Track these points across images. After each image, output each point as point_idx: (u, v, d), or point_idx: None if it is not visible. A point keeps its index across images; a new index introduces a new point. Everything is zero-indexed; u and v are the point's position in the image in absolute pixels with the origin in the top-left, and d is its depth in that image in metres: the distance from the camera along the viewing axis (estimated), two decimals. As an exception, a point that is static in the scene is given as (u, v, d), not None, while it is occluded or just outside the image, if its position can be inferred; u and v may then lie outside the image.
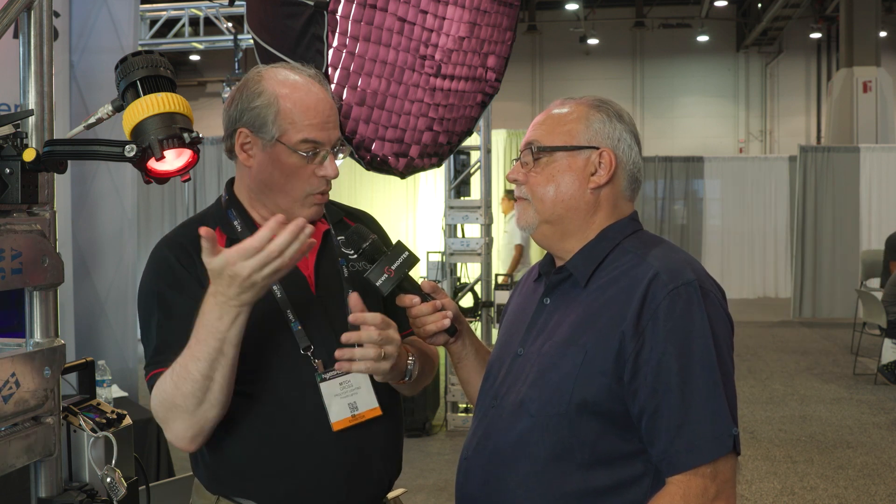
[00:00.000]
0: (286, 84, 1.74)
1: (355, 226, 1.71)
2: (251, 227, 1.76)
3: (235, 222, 1.78)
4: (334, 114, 1.74)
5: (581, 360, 1.47)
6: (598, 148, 1.56)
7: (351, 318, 1.62)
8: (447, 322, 1.67)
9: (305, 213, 1.74)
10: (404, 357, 1.71)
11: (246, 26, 6.36)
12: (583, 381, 1.46)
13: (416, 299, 1.66)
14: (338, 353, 1.62)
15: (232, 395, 1.60)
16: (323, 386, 1.69)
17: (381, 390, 1.75)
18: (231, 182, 1.84)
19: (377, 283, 1.64)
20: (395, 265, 1.64)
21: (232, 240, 1.75)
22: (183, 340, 1.58)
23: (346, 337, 1.61)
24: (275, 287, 1.72)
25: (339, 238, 1.81)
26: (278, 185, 1.73)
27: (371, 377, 1.71)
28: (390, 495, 1.85)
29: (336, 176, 1.72)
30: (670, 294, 1.44)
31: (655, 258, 1.50)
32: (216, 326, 1.52)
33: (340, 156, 1.79)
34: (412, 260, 1.66)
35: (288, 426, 1.69)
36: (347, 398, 1.70)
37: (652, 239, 1.59)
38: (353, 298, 1.63)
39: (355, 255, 1.71)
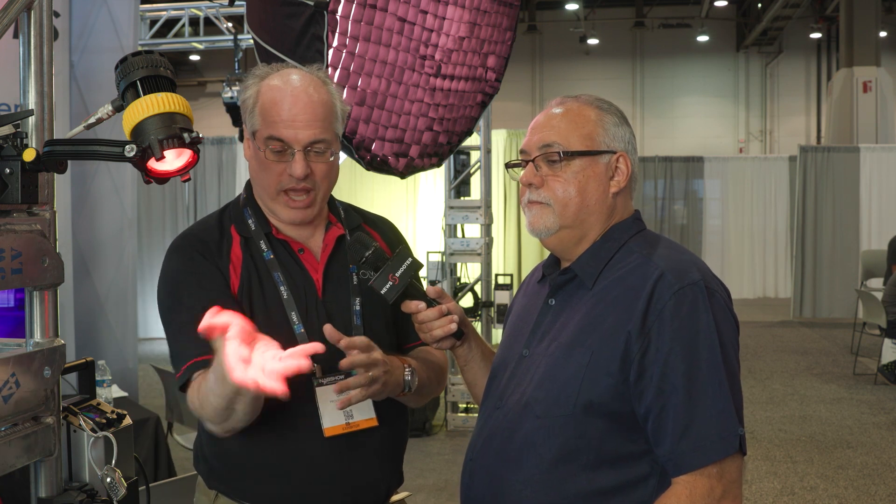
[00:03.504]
0: (273, 79, 1.74)
1: (356, 235, 1.69)
2: (265, 225, 1.77)
3: (250, 220, 1.78)
4: (309, 112, 1.70)
5: (587, 361, 1.47)
6: (615, 152, 1.56)
7: (342, 343, 1.58)
8: (454, 326, 1.66)
9: (284, 213, 1.75)
10: (400, 370, 1.69)
11: (246, 26, 6.36)
12: (589, 383, 1.46)
13: (422, 305, 1.64)
14: (339, 404, 1.61)
15: (260, 408, 1.60)
16: (319, 391, 1.68)
17: (382, 402, 1.73)
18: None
19: (382, 292, 1.62)
20: (399, 272, 1.63)
21: (245, 238, 1.76)
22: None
23: (343, 363, 1.59)
24: (281, 288, 1.72)
25: None
26: (257, 178, 1.76)
27: None
28: (394, 498, 1.84)
29: (301, 175, 1.69)
30: (676, 294, 1.44)
31: (661, 258, 1.50)
32: (227, 378, 1.43)
33: (332, 157, 1.76)
34: (416, 266, 1.64)
35: (281, 428, 1.69)
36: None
37: (657, 239, 1.58)
38: (328, 329, 1.59)
39: (359, 264, 1.70)
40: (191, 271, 1.71)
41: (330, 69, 3.20)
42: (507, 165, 1.66)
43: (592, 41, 19.58)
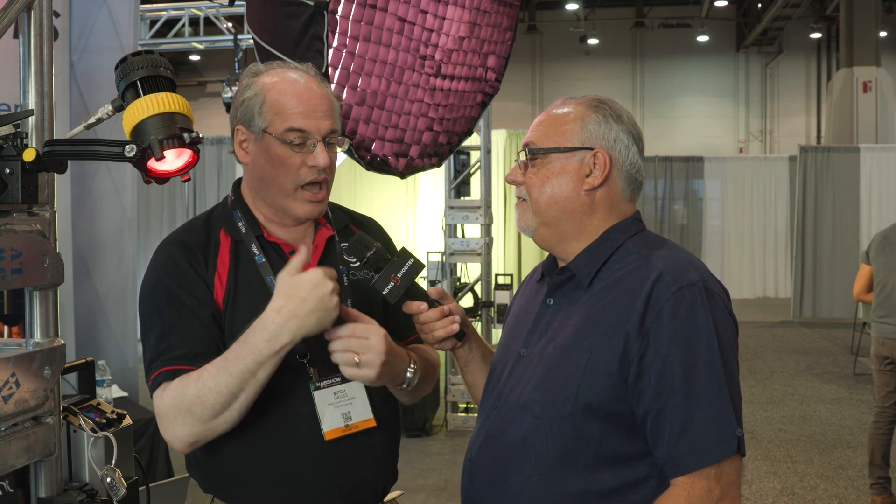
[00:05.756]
0: (275, 76, 1.73)
1: (358, 234, 1.68)
2: (255, 228, 1.74)
3: (240, 223, 1.75)
4: (324, 104, 1.71)
5: (585, 362, 1.47)
6: (592, 149, 1.55)
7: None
8: (456, 327, 1.66)
9: (300, 209, 1.72)
10: (404, 364, 1.68)
11: (246, 26, 6.36)
12: (587, 383, 1.46)
13: (424, 306, 1.64)
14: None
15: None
16: (317, 394, 1.67)
17: (378, 402, 1.73)
18: (238, 182, 1.83)
19: (384, 292, 1.62)
20: (402, 273, 1.62)
21: (237, 241, 1.73)
22: (189, 340, 1.58)
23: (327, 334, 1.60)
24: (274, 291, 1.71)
25: (342, 245, 1.79)
26: (269, 177, 1.71)
27: (367, 388, 1.70)
28: (387, 498, 1.84)
29: (325, 165, 1.69)
30: (674, 295, 1.44)
31: (659, 259, 1.50)
32: (261, 348, 1.51)
33: (340, 148, 1.77)
34: (418, 266, 1.63)
35: (280, 433, 1.68)
36: (341, 408, 1.69)
37: (655, 239, 1.58)
38: (348, 309, 1.61)
39: (359, 264, 1.69)
40: (174, 283, 1.67)
41: (330, 69, 3.20)
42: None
43: (592, 41, 19.59)
